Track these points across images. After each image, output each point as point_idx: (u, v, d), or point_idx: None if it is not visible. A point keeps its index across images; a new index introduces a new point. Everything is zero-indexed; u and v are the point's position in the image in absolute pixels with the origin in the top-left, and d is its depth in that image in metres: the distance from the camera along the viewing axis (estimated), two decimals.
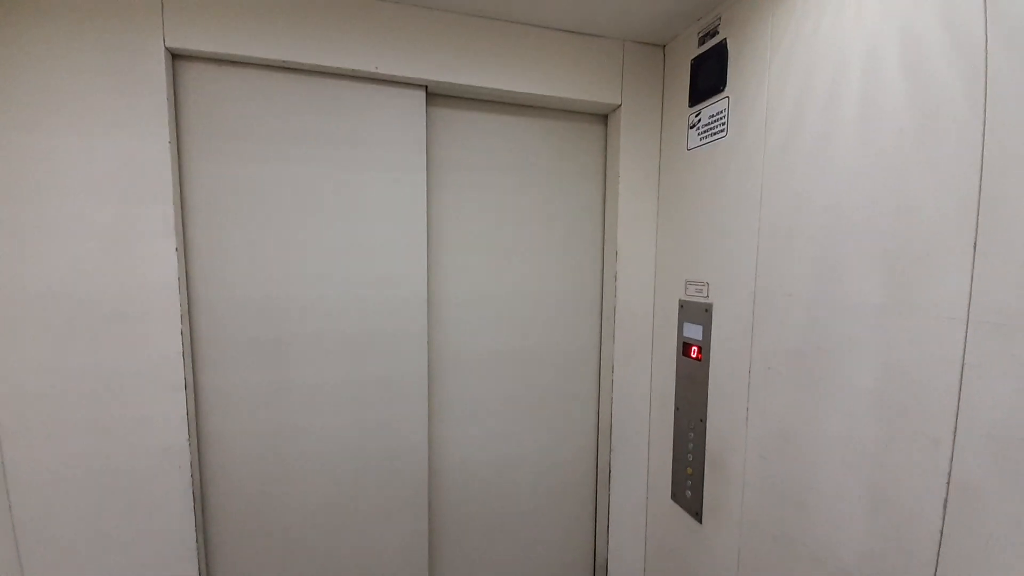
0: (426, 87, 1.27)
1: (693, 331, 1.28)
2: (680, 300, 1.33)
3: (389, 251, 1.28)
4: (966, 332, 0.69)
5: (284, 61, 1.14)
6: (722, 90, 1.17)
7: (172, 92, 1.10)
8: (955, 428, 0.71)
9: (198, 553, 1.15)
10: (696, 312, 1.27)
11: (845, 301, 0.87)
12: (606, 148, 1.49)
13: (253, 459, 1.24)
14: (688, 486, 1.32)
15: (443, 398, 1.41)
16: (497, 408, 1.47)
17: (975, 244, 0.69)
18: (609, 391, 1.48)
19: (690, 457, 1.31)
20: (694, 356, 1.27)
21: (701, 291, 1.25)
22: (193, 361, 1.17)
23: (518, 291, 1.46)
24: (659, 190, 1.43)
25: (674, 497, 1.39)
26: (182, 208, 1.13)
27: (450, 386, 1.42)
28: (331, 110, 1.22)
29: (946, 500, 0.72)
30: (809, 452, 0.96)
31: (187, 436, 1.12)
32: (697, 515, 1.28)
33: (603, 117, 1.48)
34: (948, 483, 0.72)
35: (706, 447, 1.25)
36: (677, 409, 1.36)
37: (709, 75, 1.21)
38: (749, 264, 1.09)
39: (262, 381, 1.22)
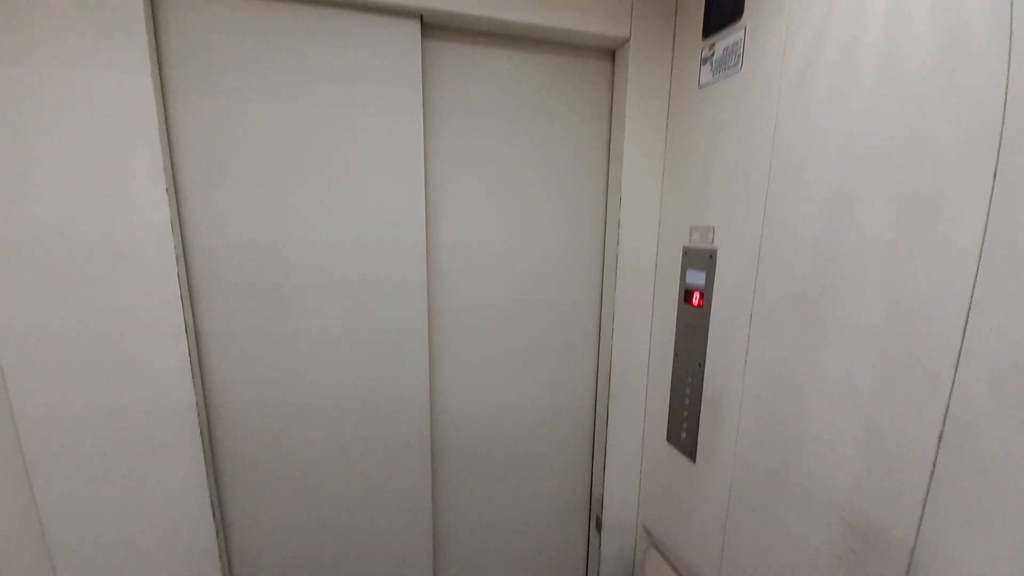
0: (421, 16, 1.19)
1: (696, 278, 1.27)
2: (684, 247, 1.31)
3: (386, 196, 1.25)
4: (977, 267, 0.68)
5: None
6: (739, 19, 1.09)
7: (152, 22, 1.03)
8: (957, 363, 0.71)
9: (209, 493, 1.19)
10: (700, 258, 1.25)
11: (855, 240, 0.86)
12: (613, 88, 1.42)
13: (259, 404, 1.25)
14: (684, 428, 1.36)
15: (444, 347, 1.42)
16: (498, 357, 1.48)
17: (995, 174, 0.66)
18: (609, 340, 1.49)
19: (687, 401, 1.34)
20: (695, 303, 1.27)
21: (706, 236, 1.23)
22: (192, 306, 1.16)
23: (518, 239, 1.43)
24: (667, 132, 1.37)
25: (669, 439, 1.43)
26: (169, 146, 1.08)
27: (451, 335, 1.42)
28: (320, 42, 1.14)
29: (941, 433, 0.73)
30: (806, 392, 0.97)
31: (191, 380, 1.13)
32: (691, 455, 1.33)
33: (610, 53, 1.40)
34: (945, 417, 0.73)
35: (703, 391, 1.27)
36: (676, 356, 1.38)
37: (725, 1, 1.13)
38: (757, 207, 1.07)
39: (263, 327, 1.22)
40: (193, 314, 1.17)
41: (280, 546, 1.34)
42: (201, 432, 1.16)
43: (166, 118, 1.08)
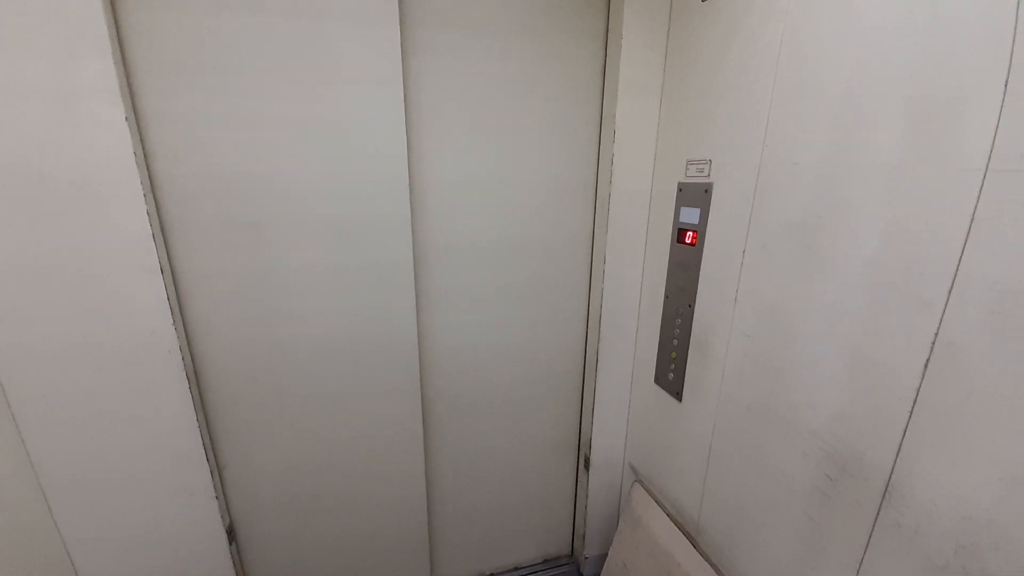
0: None
1: (690, 215, 1.22)
2: (679, 183, 1.26)
3: (365, 124, 1.17)
4: (982, 183, 0.64)
5: None
6: None
7: None
8: (950, 289, 0.69)
9: (201, 434, 1.19)
10: (695, 194, 1.20)
11: (859, 162, 0.81)
12: (609, 6, 1.31)
13: (244, 346, 1.24)
14: (671, 369, 1.36)
15: (431, 286, 1.39)
16: (486, 297, 1.45)
17: (1006, 83, 0.61)
18: (600, 282, 1.46)
19: (675, 342, 1.33)
20: (688, 242, 1.24)
21: (702, 170, 1.17)
22: (166, 243, 1.12)
23: (506, 175, 1.36)
24: (666, 57, 1.28)
25: (657, 380, 1.44)
26: (124, 66, 1.00)
27: (437, 274, 1.39)
28: None
29: (928, 360, 0.72)
30: (794, 325, 0.96)
31: (171, 319, 1.10)
32: (677, 395, 1.34)
33: None
34: (933, 344, 0.71)
35: (692, 331, 1.26)
36: (667, 297, 1.36)
37: None
38: (757, 133, 1.01)
39: (243, 264, 1.18)
40: (168, 252, 1.12)
41: (277, 486, 1.37)
42: (187, 374, 1.15)
43: (117, 30, 0.98)
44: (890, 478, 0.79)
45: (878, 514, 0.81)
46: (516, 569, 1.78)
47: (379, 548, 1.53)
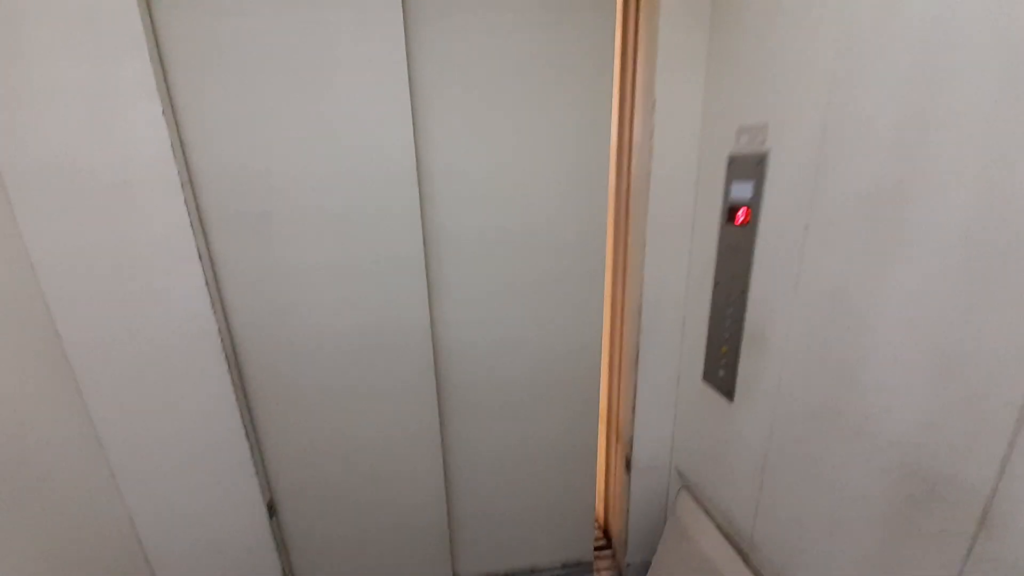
0: None
1: (742, 191, 1.08)
2: (729, 155, 1.11)
3: (369, 114, 1.13)
4: None
5: None
6: None
7: None
8: None
9: (240, 414, 1.24)
10: (747, 166, 1.06)
11: (946, 111, 0.65)
12: None
13: (271, 333, 1.26)
14: (722, 365, 1.22)
15: (443, 279, 1.32)
16: (501, 290, 1.35)
17: None
18: (640, 270, 1.34)
19: (726, 335, 1.19)
20: (740, 221, 1.09)
21: (757, 137, 1.03)
22: (205, 232, 1.16)
23: (523, 159, 1.25)
24: (712, 13, 1.14)
25: (706, 377, 1.30)
26: (161, 64, 1.05)
27: (450, 266, 1.31)
28: None
29: None
30: (868, 313, 0.80)
31: (210, 306, 1.15)
32: (729, 393, 1.20)
33: None
34: None
35: (745, 321, 1.12)
36: (716, 284, 1.22)
37: None
38: (820, 88, 0.86)
39: (262, 257, 1.20)
40: (206, 241, 1.17)
41: (312, 469, 1.40)
42: (227, 357, 1.20)
43: (154, 30, 1.03)
44: (990, 503, 0.63)
45: (972, 546, 0.65)
46: (533, 572, 1.69)
47: (402, 539, 1.53)
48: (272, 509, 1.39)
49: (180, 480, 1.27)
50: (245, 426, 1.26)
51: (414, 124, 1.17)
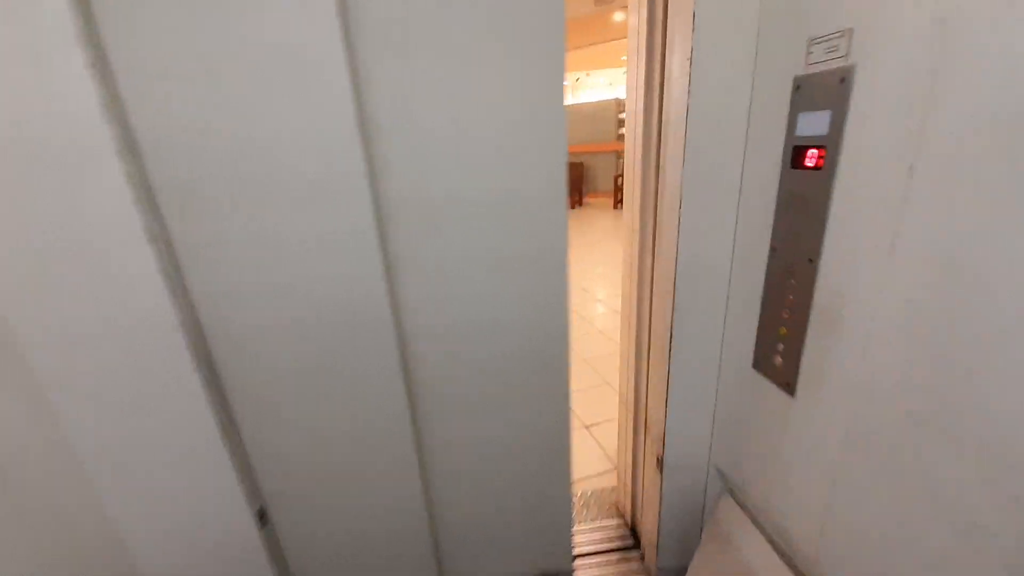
0: None
1: (813, 123, 0.82)
2: (796, 77, 0.85)
3: (297, 57, 0.90)
4: None
5: None
6: None
7: None
8: None
9: (214, 411, 1.10)
10: (821, 91, 0.79)
11: None
12: None
13: (233, 322, 1.09)
14: (779, 351, 0.98)
15: (404, 254, 1.09)
16: (479, 266, 1.12)
17: None
18: (675, 236, 1.10)
19: (786, 314, 0.95)
20: (810, 164, 0.83)
21: (836, 49, 0.76)
22: (158, 208, 0.99)
23: (480, 108, 0.97)
24: None
25: (757, 365, 1.07)
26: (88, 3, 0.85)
27: (411, 240, 1.08)
28: None
29: None
30: (996, 289, 0.56)
31: (169, 296, 0.99)
32: (788, 386, 0.97)
33: None
34: None
35: (813, 298, 0.88)
36: (773, 250, 0.97)
37: None
38: None
39: (225, 232, 1.02)
40: (161, 219, 1.00)
41: (297, 474, 1.26)
42: (195, 353, 1.04)
43: None
44: None
45: None
46: None
47: (386, 541, 1.39)
48: (263, 517, 1.27)
49: (162, 488, 1.16)
50: (222, 428, 1.12)
51: (347, 62, 0.91)
